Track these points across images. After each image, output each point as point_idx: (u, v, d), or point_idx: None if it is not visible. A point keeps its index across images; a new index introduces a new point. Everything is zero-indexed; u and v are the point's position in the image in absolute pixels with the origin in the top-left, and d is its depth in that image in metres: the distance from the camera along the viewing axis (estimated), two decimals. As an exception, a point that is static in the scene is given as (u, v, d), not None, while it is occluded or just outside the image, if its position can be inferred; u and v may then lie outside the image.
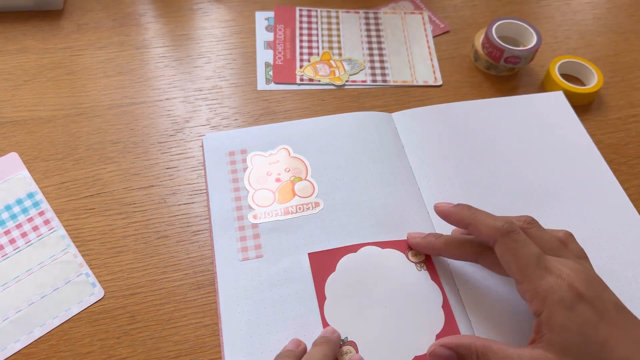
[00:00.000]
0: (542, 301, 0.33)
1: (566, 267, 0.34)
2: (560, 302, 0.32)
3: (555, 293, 0.33)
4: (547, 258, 0.35)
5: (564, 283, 0.33)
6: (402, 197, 0.46)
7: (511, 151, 0.49)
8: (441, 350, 0.36)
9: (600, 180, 0.48)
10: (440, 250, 0.41)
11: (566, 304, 0.32)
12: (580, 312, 0.32)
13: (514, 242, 0.35)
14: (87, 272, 0.43)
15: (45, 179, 0.48)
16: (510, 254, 0.35)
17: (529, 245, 0.35)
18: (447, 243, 0.40)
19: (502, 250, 0.35)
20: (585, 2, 0.67)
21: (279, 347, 0.38)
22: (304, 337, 0.38)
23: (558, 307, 0.32)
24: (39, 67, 0.56)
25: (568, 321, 0.32)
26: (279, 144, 0.49)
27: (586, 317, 0.32)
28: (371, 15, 0.63)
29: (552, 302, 0.33)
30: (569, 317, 0.32)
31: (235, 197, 0.46)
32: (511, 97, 0.54)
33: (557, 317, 0.32)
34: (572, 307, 0.32)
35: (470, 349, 0.34)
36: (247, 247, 0.43)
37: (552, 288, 0.33)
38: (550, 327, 0.32)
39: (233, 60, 0.58)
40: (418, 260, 0.42)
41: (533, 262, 0.34)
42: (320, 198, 0.46)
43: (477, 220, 0.37)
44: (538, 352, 0.32)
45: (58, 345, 0.39)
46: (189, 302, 0.42)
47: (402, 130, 0.51)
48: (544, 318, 0.33)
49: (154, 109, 0.53)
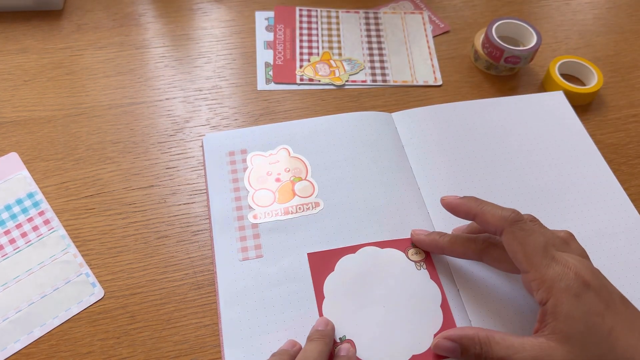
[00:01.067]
0: (548, 289, 0.33)
1: (572, 259, 0.34)
2: (567, 289, 0.32)
3: (562, 281, 0.33)
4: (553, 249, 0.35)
5: (570, 272, 0.33)
6: (402, 197, 0.46)
7: (511, 151, 0.49)
8: (445, 343, 0.36)
9: (600, 180, 0.48)
10: (444, 248, 0.41)
11: (573, 292, 0.32)
12: (586, 300, 0.32)
13: (521, 230, 0.35)
14: (87, 272, 0.43)
15: (45, 179, 0.48)
16: (517, 242, 0.35)
17: (536, 234, 0.35)
18: (452, 241, 0.40)
19: (509, 239, 0.35)
20: (585, 2, 0.67)
21: (278, 347, 0.38)
22: (304, 337, 0.38)
23: (565, 294, 0.32)
24: (39, 67, 0.56)
25: (574, 309, 0.32)
26: (279, 144, 0.49)
27: (592, 306, 0.32)
28: (371, 15, 0.63)
29: (558, 290, 0.32)
30: (575, 305, 0.32)
31: (236, 197, 0.46)
32: (511, 97, 0.54)
33: (563, 305, 0.32)
34: (579, 295, 0.32)
35: (473, 339, 0.34)
36: (247, 247, 0.43)
37: (559, 276, 0.33)
38: (556, 315, 0.32)
39: (233, 60, 0.58)
40: (418, 260, 0.42)
41: (540, 250, 0.34)
42: (321, 198, 0.46)
43: (484, 210, 0.37)
44: (541, 340, 0.32)
45: (58, 345, 0.39)
46: (189, 302, 0.42)
47: (402, 130, 0.51)
48: (549, 306, 0.33)
49: (154, 109, 0.53)
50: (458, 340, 0.35)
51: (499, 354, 0.33)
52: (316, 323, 0.38)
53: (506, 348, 0.33)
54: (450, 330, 0.36)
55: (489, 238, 0.39)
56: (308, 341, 0.37)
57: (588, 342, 0.31)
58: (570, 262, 0.34)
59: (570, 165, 0.49)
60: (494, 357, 0.33)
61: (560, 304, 0.32)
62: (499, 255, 0.37)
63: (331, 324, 0.38)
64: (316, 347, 0.36)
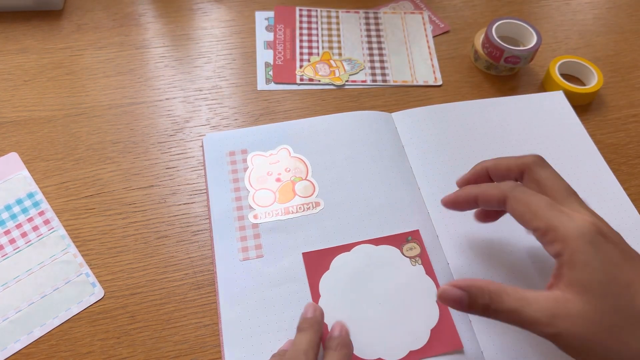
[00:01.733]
0: (564, 239, 0.31)
1: (586, 210, 0.33)
2: (584, 236, 0.30)
3: (578, 229, 0.31)
4: (559, 205, 0.33)
5: (586, 221, 0.31)
6: (402, 197, 0.46)
7: (511, 151, 0.49)
8: (452, 291, 0.33)
9: (600, 180, 0.48)
10: (473, 191, 0.38)
11: (591, 240, 0.30)
12: (605, 249, 0.30)
13: (523, 192, 0.34)
14: (87, 272, 0.43)
15: (45, 179, 0.48)
16: (522, 204, 0.33)
17: (538, 194, 0.34)
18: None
19: (514, 204, 0.34)
20: (585, 2, 0.67)
21: (278, 347, 0.38)
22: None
23: (582, 242, 0.30)
24: (39, 67, 0.56)
25: (592, 258, 0.30)
26: (280, 144, 0.49)
27: (611, 256, 0.30)
28: (371, 15, 0.63)
29: (575, 238, 0.31)
30: (593, 253, 0.30)
31: (236, 197, 0.46)
32: (511, 97, 0.54)
33: (580, 254, 0.30)
34: (597, 243, 0.30)
35: (482, 289, 0.32)
36: (248, 247, 0.43)
37: (575, 223, 0.31)
38: (573, 264, 0.30)
39: (233, 60, 0.58)
40: (413, 255, 0.42)
41: (546, 205, 0.33)
42: (321, 198, 0.46)
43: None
44: (556, 293, 0.30)
45: (58, 345, 0.39)
46: (189, 302, 0.42)
47: (402, 130, 0.51)
48: (565, 257, 0.31)
49: (154, 109, 0.53)
50: (467, 289, 0.32)
51: (510, 306, 0.31)
52: (304, 310, 0.38)
53: (518, 300, 0.31)
54: (458, 280, 0.33)
55: None
56: (297, 332, 0.37)
57: (608, 292, 0.29)
58: (585, 212, 0.32)
59: (570, 165, 0.49)
60: (504, 309, 0.31)
61: (577, 253, 0.30)
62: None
63: (319, 309, 0.38)
64: (305, 336, 0.35)
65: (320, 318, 0.38)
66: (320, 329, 0.37)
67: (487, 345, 0.39)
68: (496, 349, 0.39)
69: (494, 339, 0.39)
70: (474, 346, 0.39)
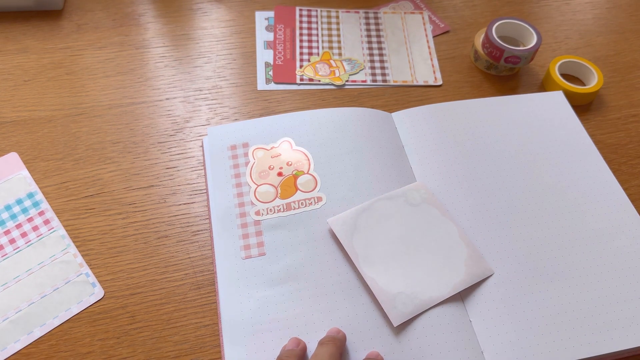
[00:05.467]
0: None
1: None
2: None
3: None
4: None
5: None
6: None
7: (511, 151, 0.49)
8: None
9: (600, 180, 0.48)
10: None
11: None
12: None
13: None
14: (87, 272, 0.43)
15: (45, 179, 0.48)
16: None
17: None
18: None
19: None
20: (585, 2, 0.67)
21: (279, 346, 0.38)
22: (306, 336, 0.38)
23: None
24: (39, 67, 0.56)
25: None
26: (281, 137, 0.49)
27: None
28: (371, 15, 0.63)
29: None
30: None
31: (238, 193, 0.46)
32: (511, 97, 0.54)
33: None
34: None
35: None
36: (250, 245, 0.43)
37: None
38: None
39: (233, 60, 0.58)
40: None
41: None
42: (323, 192, 0.45)
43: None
44: None
45: (58, 345, 0.39)
46: (189, 302, 0.42)
47: (402, 130, 0.51)
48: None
49: (154, 109, 0.53)
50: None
51: None
52: (328, 331, 0.39)
53: None
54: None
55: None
56: (319, 345, 0.37)
57: None
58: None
59: (570, 165, 0.49)
60: None
61: None
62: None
63: (342, 333, 0.38)
64: (327, 349, 0.36)
65: (343, 339, 0.38)
66: (342, 347, 0.38)
67: (487, 345, 0.39)
68: (496, 349, 0.39)
69: (494, 339, 0.39)
70: (474, 346, 0.39)
